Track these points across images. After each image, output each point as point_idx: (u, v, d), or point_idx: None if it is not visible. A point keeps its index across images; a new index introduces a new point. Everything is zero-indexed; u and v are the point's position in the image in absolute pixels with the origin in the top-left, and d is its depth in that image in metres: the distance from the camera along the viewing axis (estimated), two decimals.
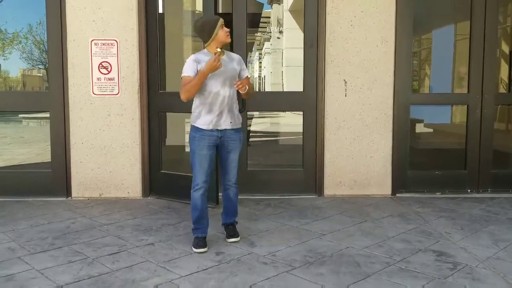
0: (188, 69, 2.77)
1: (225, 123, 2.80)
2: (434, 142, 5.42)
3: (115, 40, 3.90)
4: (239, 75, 2.89)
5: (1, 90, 4.34)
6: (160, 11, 4.05)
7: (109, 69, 3.92)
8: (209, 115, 2.77)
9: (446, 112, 4.84)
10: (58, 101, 3.96)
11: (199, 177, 2.76)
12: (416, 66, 4.85)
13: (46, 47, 4.06)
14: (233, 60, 2.89)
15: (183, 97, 2.74)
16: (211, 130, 2.77)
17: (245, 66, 2.98)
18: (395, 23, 3.94)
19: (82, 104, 3.94)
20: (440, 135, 5.26)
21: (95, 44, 3.90)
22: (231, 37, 3.96)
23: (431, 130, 5.34)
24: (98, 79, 3.92)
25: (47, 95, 4.02)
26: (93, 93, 3.93)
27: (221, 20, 2.79)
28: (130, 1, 3.88)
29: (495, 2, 4.00)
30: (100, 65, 3.91)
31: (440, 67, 4.91)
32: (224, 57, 2.82)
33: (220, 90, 2.76)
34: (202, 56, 2.80)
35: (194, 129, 2.82)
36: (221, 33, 2.79)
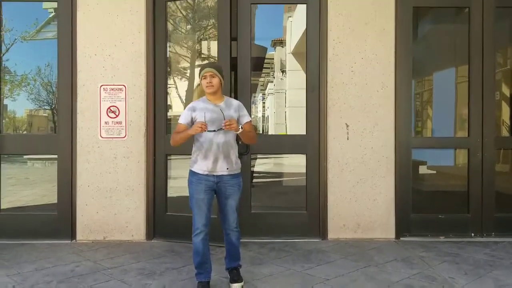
0: (182, 117, 2.91)
1: (221, 169, 2.84)
2: (438, 184, 5.45)
3: (123, 86, 4.06)
4: (239, 121, 2.92)
5: (11, 134, 4.44)
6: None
7: (117, 113, 4.05)
8: (204, 161, 2.82)
9: (449, 154, 4.90)
10: (66, 144, 4.08)
11: (199, 221, 2.79)
12: (418, 107, 4.96)
13: (54, 89, 4.22)
14: (230, 107, 2.94)
15: (171, 143, 2.86)
16: (207, 175, 2.82)
17: (245, 112, 3.03)
18: (395, 69, 4.09)
19: (89, 147, 4.05)
20: (444, 177, 5.29)
21: (104, 89, 4.06)
22: (236, 81, 4.13)
23: (434, 172, 5.38)
24: (106, 123, 4.05)
25: (56, 138, 4.14)
26: (101, 136, 4.05)
27: (204, 71, 2.86)
28: (139, 48, 4.06)
29: (492, 48, 4.16)
30: (109, 109, 4.05)
31: (442, 109, 5.02)
32: (221, 104, 2.91)
33: (214, 137, 2.82)
34: (200, 103, 2.90)
35: (191, 173, 2.88)
36: (203, 83, 2.88)
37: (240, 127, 2.82)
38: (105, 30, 4.05)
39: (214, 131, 2.79)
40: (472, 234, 4.14)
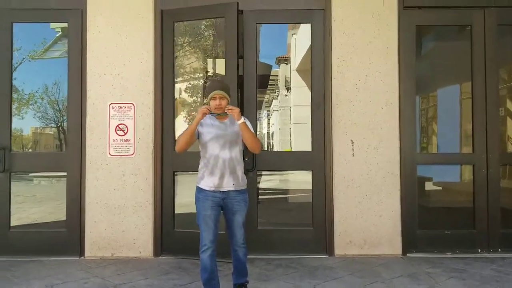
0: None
1: (228, 185, 2.87)
2: (444, 200, 5.46)
3: (132, 104, 4.15)
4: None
5: (20, 151, 4.53)
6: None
7: (125, 131, 4.14)
8: (211, 177, 2.85)
9: (455, 170, 4.92)
10: (76, 161, 4.16)
11: (206, 238, 2.80)
12: (423, 123, 5.00)
13: (60, 107, 4.31)
14: (234, 123, 2.96)
15: (176, 148, 2.87)
16: (214, 191, 2.85)
17: (248, 123, 3.02)
18: (398, 86, 4.16)
19: (98, 165, 4.12)
20: (450, 193, 5.30)
21: (113, 107, 4.15)
22: (242, 98, 4.20)
23: (440, 188, 5.40)
24: (114, 140, 4.13)
25: (65, 156, 4.22)
26: (109, 154, 4.12)
27: (214, 93, 2.87)
28: (147, 68, 4.16)
29: (494, 64, 4.22)
30: (117, 127, 4.14)
31: (447, 125, 5.06)
32: (226, 121, 2.95)
33: (220, 153, 2.87)
34: (207, 119, 2.93)
35: (198, 189, 2.90)
36: (212, 104, 2.88)
37: (242, 117, 2.86)
38: (114, 50, 4.16)
39: (219, 114, 2.84)
40: (479, 250, 4.15)
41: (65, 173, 4.25)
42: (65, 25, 4.31)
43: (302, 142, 4.17)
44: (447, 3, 4.28)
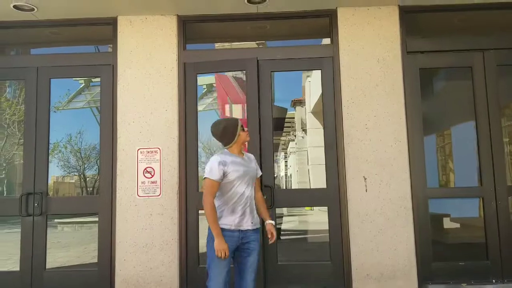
0: (215, 173, 2.92)
1: (247, 224, 2.93)
2: (461, 236, 5.63)
3: (158, 148, 4.60)
4: (257, 174, 3.16)
5: (56, 196, 4.97)
6: None
7: (152, 174, 4.56)
8: (232, 215, 2.90)
9: (473, 205, 5.14)
10: (107, 203, 4.57)
11: (219, 283, 2.81)
12: (432, 159, 5.30)
13: (82, 155, 4.77)
14: (251, 160, 3.15)
15: (205, 207, 2.87)
16: (233, 231, 2.87)
17: (258, 165, 3.29)
18: (406, 125, 4.52)
19: (127, 206, 4.53)
20: (468, 229, 5.48)
21: (141, 152, 4.60)
22: (260, 142, 4.62)
23: (457, 225, 5.60)
24: (142, 182, 4.55)
25: (98, 199, 4.64)
26: (138, 195, 4.54)
27: (240, 121, 3.07)
28: (172, 115, 4.63)
29: (496, 102, 4.58)
30: (145, 170, 4.57)
31: (456, 160, 5.33)
32: (244, 157, 3.09)
33: (245, 190, 2.95)
34: (227, 157, 3.00)
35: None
36: (243, 134, 3.04)
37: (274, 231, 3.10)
38: (142, 100, 4.66)
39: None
40: (493, 280, 4.35)
41: (91, 218, 4.66)
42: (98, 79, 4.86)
43: (320, 183, 4.46)
44: (448, 47, 4.71)
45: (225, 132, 3.05)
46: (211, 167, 2.98)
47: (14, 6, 4.40)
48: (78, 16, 4.73)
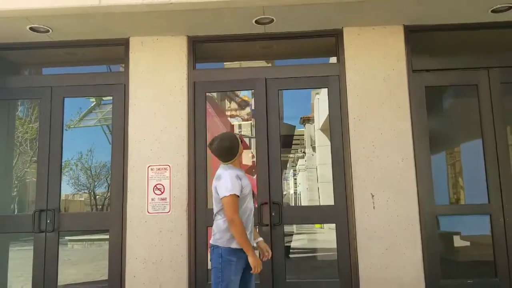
0: (236, 188, 2.88)
1: (251, 239, 2.93)
2: (470, 254, 5.62)
3: (168, 165, 4.71)
4: None
5: (68, 212, 5.09)
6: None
7: (162, 190, 4.66)
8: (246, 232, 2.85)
9: (484, 222, 5.14)
10: (117, 220, 4.67)
11: None
12: (439, 176, 5.34)
13: (93, 173, 4.88)
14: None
15: (236, 227, 2.78)
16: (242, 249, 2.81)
17: None
18: (413, 142, 4.59)
19: (137, 222, 4.62)
20: (478, 247, 5.47)
21: (151, 169, 4.71)
22: (268, 161, 4.70)
23: (468, 243, 5.60)
24: (152, 199, 4.65)
25: (108, 216, 4.75)
26: (148, 212, 4.63)
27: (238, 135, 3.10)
28: (182, 133, 4.75)
29: (502, 119, 4.64)
30: (155, 187, 4.67)
31: (464, 177, 5.36)
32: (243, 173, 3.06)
33: (252, 205, 2.98)
34: (237, 171, 3.00)
35: (230, 251, 2.83)
36: (241, 147, 3.06)
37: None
38: (152, 118, 4.79)
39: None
40: None
41: (100, 235, 4.76)
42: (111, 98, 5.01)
43: (331, 201, 4.51)
44: (453, 66, 4.80)
45: (232, 148, 3.08)
46: (231, 182, 2.92)
47: (30, 28, 4.59)
48: (91, 37, 4.91)
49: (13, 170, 5.68)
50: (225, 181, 2.93)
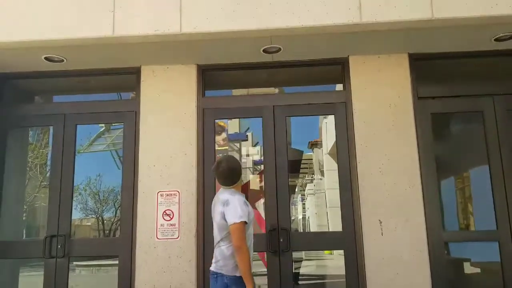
0: (246, 215, 2.87)
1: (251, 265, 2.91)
2: (480, 281, 5.58)
3: (177, 191, 4.80)
4: None
5: (79, 238, 5.17)
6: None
7: (171, 216, 4.74)
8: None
9: (494, 249, 5.13)
10: (127, 246, 4.74)
11: None
12: (448, 203, 5.36)
13: (101, 198, 4.97)
14: None
15: (244, 257, 2.76)
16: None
17: None
18: (420, 169, 4.64)
19: (146, 248, 4.69)
20: (488, 274, 5.44)
21: (161, 195, 4.80)
22: (276, 186, 4.78)
23: (478, 269, 5.57)
24: (161, 225, 4.73)
25: (118, 241, 4.82)
26: (157, 237, 4.70)
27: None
28: (191, 159, 4.85)
29: (508, 146, 4.70)
30: (164, 213, 4.75)
31: (480, 204, 5.38)
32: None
33: (253, 231, 3.02)
34: (242, 196, 3.00)
35: (235, 280, 2.81)
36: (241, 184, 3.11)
37: None
38: (162, 144, 4.90)
39: None
40: None
41: (108, 261, 4.82)
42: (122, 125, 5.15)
43: (339, 227, 4.52)
44: (458, 93, 4.90)
45: (239, 169, 3.11)
46: (241, 209, 2.90)
47: (46, 58, 4.78)
48: (104, 66, 5.09)
49: (23, 194, 5.79)
50: (235, 207, 2.91)
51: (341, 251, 4.73)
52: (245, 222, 2.87)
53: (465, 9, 4.12)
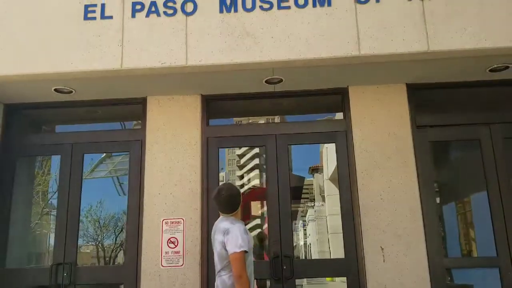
0: (246, 243, 2.89)
1: None
2: None
3: (182, 219, 4.90)
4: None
5: (84, 265, 5.24)
6: None
7: (176, 244, 4.83)
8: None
9: (495, 275, 5.17)
10: (132, 273, 4.81)
11: None
12: (448, 229, 5.45)
13: (101, 224, 5.07)
14: None
15: (242, 283, 2.75)
16: None
17: None
18: (420, 195, 4.75)
19: (151, 276, 4.75)
20: None
21: (166, 222, 4.90)
22: (279, 213, 4.88)
23: None
24: (166, 252, 4.81)
25: (123, 269, 4.90)
26: (162, 265, 4.78)
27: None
28: (195, 187, 4.96)
29: (505, 173, 4.83)
30: (169, 240, 4.84)
31: (481, 231, 5.45)
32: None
33: (252, 258, 3.04)
34: (242, 225, 3.01)
35: None
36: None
37: None
38: (167, 172, 5.02)
39: None
40: None
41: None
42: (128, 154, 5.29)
43: (340, 254, 4.58)
44: (455, 122, 5.06)
45: (239, 195, 3.14)
46: (241, 238, 2.91)
47: (55, 89, 4.96)
48: (111, 96, 5.26)
49: (26, 221, 5.86)
50: (236, 237, 2.93)
51: (344, 277, 4.80)
52: (245, 251, 2.89)
53: (459, 42, 4.33)
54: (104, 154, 7.32)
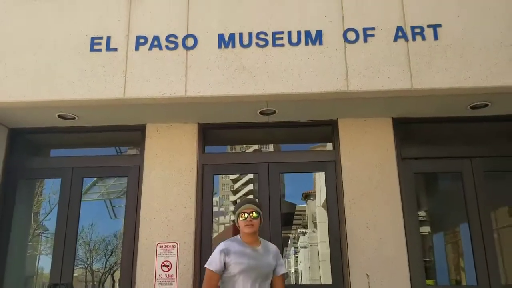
0: (212, 262, 2.73)
1: None
2: None
3: (176, 243, 5.10)
4: (274, 271, 2.76)
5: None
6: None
7: (169, 267, 5.02)
8: None
9: None
10: None
11: None
12: (431, 257, 5.69)
13: (91, 247, 5.24)
14: (269, 252, 2.77)
15: None
16: None
17: (282, 261, 2.95)
18: (404, 224, 4.98)
19: None
20: None
21: (160, 246, 5.10)
22: (270, 239, 5.10)
23: None
24: (159, 276, 4.99)
25: None
26: (155, 287, 4.96)
27: (244, 206, 2.70)
28: (190, 211, 5.18)
29: (486, 205, 5.09)
30: (163, 264, 5.03)
31: (455, 259, 5.68)
32: (259, 248, 2.76)
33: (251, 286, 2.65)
34: (234, 245, 2.77)
35: None
36: (241, 223, 2.74)
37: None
38: (163, 197, 5.25)
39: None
40: None
41: None
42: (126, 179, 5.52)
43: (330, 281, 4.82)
44: (439, 155, 5.35)
45: (234, 212, 2.99)
46: (213, 255, 2.80)
47: (59, 115, 5.22)
48: (112, 123, 5.53)
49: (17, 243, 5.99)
50: (213, 252, 2.84)
51: None
52: (214, 271, 2.73)
53: (440, 81, 4.66)
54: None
